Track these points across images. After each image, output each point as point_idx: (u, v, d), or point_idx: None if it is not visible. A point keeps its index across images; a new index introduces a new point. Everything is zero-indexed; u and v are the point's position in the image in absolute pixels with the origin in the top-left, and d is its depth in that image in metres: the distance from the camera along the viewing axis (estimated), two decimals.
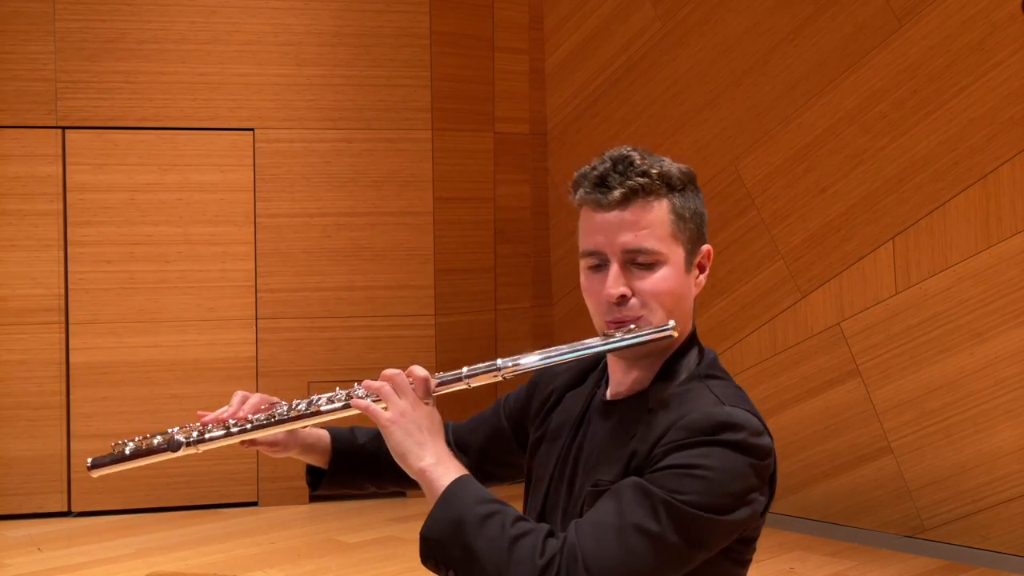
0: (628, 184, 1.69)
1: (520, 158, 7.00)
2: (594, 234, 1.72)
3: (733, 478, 1.59)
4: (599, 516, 1.59)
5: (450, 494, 1.61)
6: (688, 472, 1.58)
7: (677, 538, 1.56)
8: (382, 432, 1.69)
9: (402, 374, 1.72)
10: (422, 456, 1.66)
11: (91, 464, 1.87)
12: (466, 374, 1.73)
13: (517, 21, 6.99)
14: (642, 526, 1.55)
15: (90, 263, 6.21)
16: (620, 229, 1.70)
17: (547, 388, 1.94)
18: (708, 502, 1.57)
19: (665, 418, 1.66)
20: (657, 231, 1.70)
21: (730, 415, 1.63)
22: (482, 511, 1.58)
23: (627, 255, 1.70)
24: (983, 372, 5.07)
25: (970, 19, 5.09)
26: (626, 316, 1.70)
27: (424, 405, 1.70)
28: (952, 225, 5.18)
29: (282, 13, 6.41)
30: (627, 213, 1.70)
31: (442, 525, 1.60)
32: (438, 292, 6.59)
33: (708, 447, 1.59)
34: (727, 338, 6.07)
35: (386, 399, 1.70)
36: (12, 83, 6.13)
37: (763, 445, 1.64)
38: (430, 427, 1.68)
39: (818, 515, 5.69)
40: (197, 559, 5.40)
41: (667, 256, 1.71)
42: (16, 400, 6.13)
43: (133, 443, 1.86)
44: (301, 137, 6.43)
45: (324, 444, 2.03)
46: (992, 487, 5.06)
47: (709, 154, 6.13)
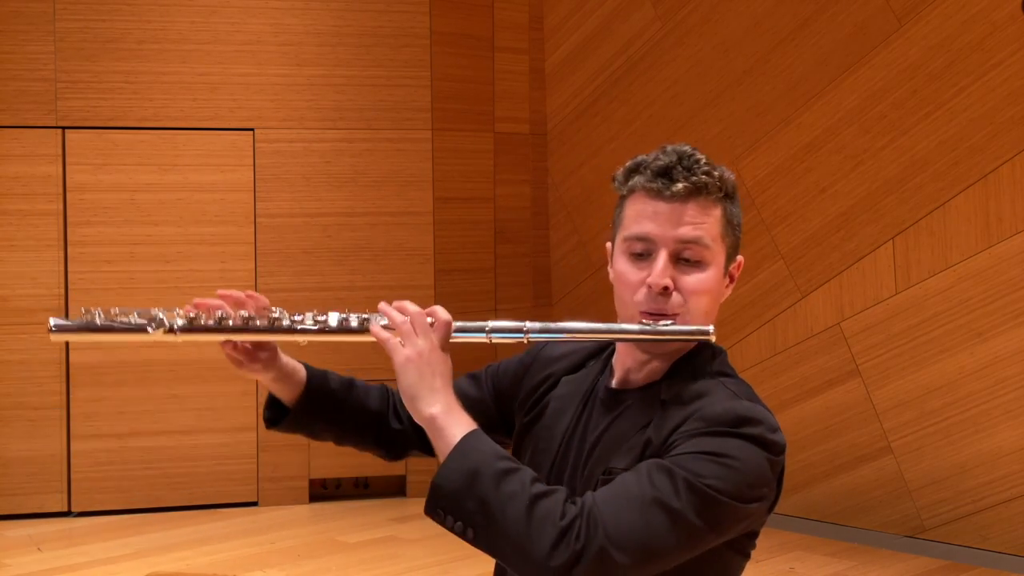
0: (693, 180, 1.71)
1: (520, 158, 7.00)
2: (646, 221, 1.72)
3: (751, 470, 1.61)
4: (620, 488, 1.58)
5: (466, 445, 1.57)
6: (710, 458, 1.59)
7: (696, 518, 1.56)
8: (395, 369, 1.64)
9: (424, 313, 1.67)
10: (433, 402, 1.61)
11: (53, 326, 1.67)
12: (489, 330, 1.69)
13: (517, 21, 6.99)
14: (663, 501, 1.55)
15: (90, 263, 6.21)
16: (678, 221, 1.70)
17: (542, 372, 1.93)
18: (728, 488, 1.58)
19: (681, 410, 1.67)
20: (711, 230, 1.72)
21: (749, 410, 1.65)
22: (501, 466, 1.55)
23: (679, 246, 1.70)
24: (983, 372, 5.07)
25: (970, 19, 5.09)
26: (665, 309, 1.70)
27: (441, 351, 1.66)
28: (952, 225, 5.18)
29: (282, 13, 6.41)
30: (688, 207, 1.71)
31: (458, 475, 1.55)
32: (438, 292, 6.59)
33: (729, 438, 1.61)
34: (727, 338, 6.07)
35: (405, 336, 1.65)
36: (12, 83, 6.13)
37: (779, 441, 1.66)
38: (444, 373, 1.64)
39: (818, 515, 5.69)
40: (197, 559, 5.39)
41: (714, 256, 1.72)
42: (16, 400, 6.13)
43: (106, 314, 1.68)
44: (301, 137, 6.43)
45: (299, 378, 1.93)
46: (992, 487, 5.06)
47: (709, 154, 6.00)
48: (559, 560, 1.51)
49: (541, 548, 1.51)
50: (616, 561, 1.52)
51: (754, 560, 1.80)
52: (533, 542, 1.51)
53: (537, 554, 1.51)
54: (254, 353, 1.86)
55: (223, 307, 1.78)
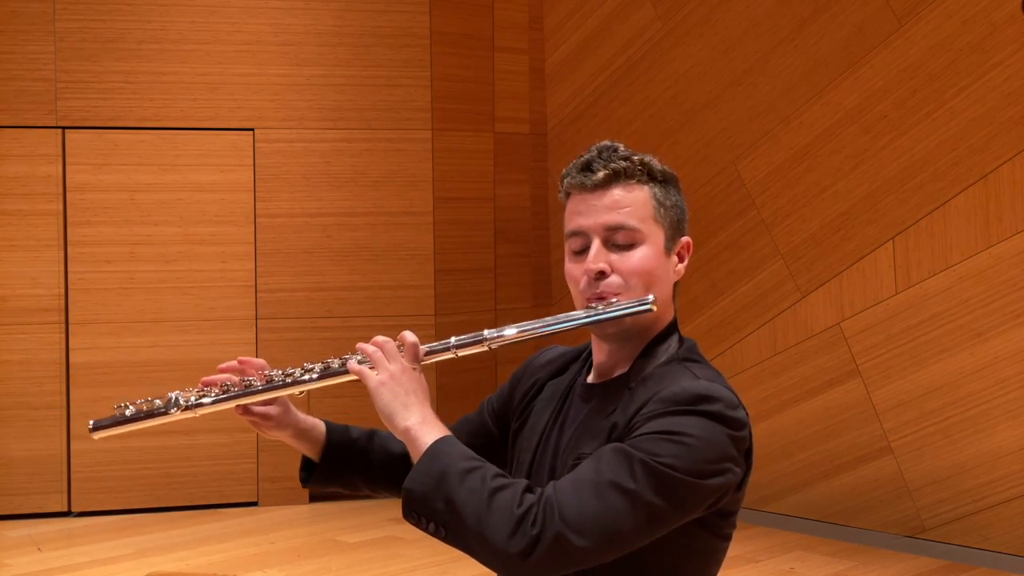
0: (611, 166, 1.78)
1: (520, 158, 7.00)
2: (577, 215, 1.81)
3: (709, 446, 1.64)
4: (577, 474, 1.64)
5: (434, 449, 1.66)
6: (666, 437, 1.63)
7: (653, 497, 1.60)
8: (371, 394, 1.74)
9: (392, 341, 1.78)
10: (407, 416, 1.71)
11: (93, 426, 1.91)
12: (454, 344, 1.78)
13: (517, 21, 6.99)
14: (619, 483, 1.60)
15: (90, 263, 6.21)
16: (602, 209, 1.77)
17: (530, 380, 1.99)
18: (685, 466, 1.62)
19: (644, 393, 1.72)
20: (638, 211, 1.78)
21: (707, 388, 1.69)
22: (465, 465, 1.63)
23: (608, 232, 1.77)
24: (983, 372, 5.07)
25: (970, 19, 5.09)
26: (605, 292, 1.77)
27: (412, 370, 1.75)
28: (952, 225, 5.18)
29: (282, 13, 6.41)
30: (609, 193, 1.78)
31: (425, 478, 1.64)
32: (438, 292, 6.59)
33: (686, 416, 1.65)
34: (727, 338, 6.07)
35: (376, 363, 1.76)
36: (12, 83, 6.13)
37: (739, 417, 1.70)
38: (416, 391, 1.74)
39: (818, 515, 5.68)
40: (197, 559, 5.40)
41: (646, 236, 1.77)
42: (16, 400, 6.13)
43: (134, 406, 1.90)
44: (301, 137, 6.44)
45: (318, 433, 2.03)
46: (992, 487, 5.06)
47: (709, 154, 6.13)
48: (517, 547, 1.57)
49: (499, 537, 1.58)
50: (574, 544, 1.57)
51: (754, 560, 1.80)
52: (492, 532, 1.58)
53: (496, 543, 1.58)
54: (266, 413, 1.97)
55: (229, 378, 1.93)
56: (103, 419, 1.90)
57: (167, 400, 1.88)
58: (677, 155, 6.26)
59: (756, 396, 5.87)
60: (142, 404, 1.89)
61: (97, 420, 1.91)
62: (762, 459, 5.81)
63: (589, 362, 1.91)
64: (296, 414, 2.00)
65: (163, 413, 1.88)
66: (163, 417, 1.88)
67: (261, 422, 1.97)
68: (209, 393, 1.89)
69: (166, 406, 1.88)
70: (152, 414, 1.88)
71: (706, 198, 6.12)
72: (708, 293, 6.14)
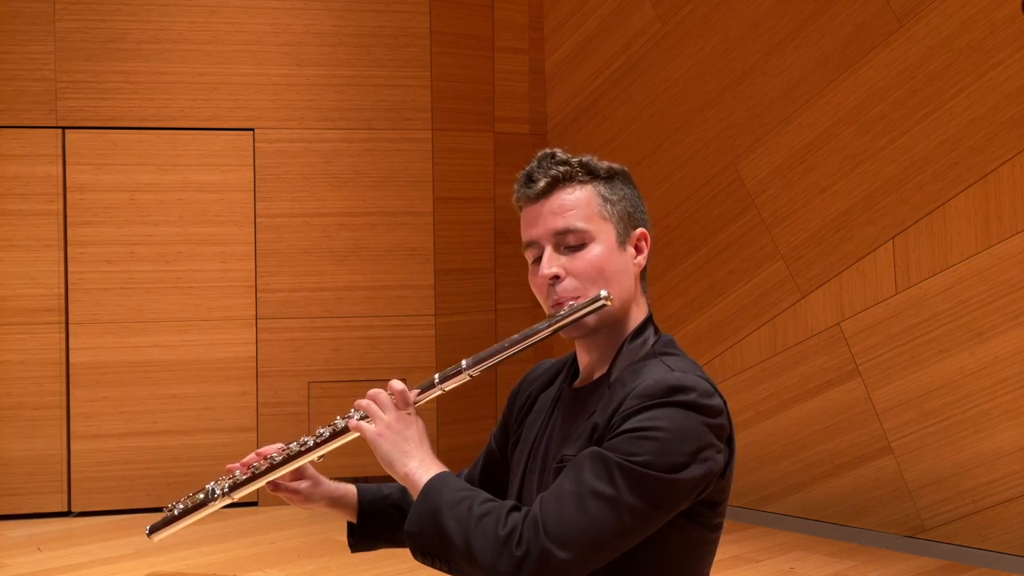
0: (551, 173, 1.81)
1: (520, 158, 6.99)
2: (528, 227, 1.84)
3: (686, 437, 1.65)
4: (559, 487, 1.66)
5: (428, 488, 1.71)
6: (642, 435, 1.64)
7: (634, 499, 1.61)
8: (371, 446, 1.78)
9: (383, 392, 1.81)
10: (406, 463, 1.76)
11: (149, 530, 2.03)
12: (438, 381, 1.82)
13: (517, 21, 6.99)
14: (599, 490, 1.61)
15: (90, 263, 6.21)
16: (548, 216, 1.81)
17: (524, 396, 2.03)
18: (662, 462, 1.63)
19: (621, 390, 1.73)
20: (582, 211, 1.80)
21: (680, 379, 1.69)
22: (453, 497, 1.68)
23: (557, 237, 1.80)
24: (983, 372, 5.07)
25: (970, 19, 5.09)
26: (563, 296, 1.79)
27: (406, 416, 1.79)
28: (952, 225, 5.18)
29: (282, 13, 6.41)
30: (552, 199, 1.81)
31: (421, 517, 1.69)
32: (438, 292, 6.59)
33: (660, 408, 1.66)
34: (727, 338, 6.07)
35: (372, 416, 1.80)
36: (12, 83, 6.13)
37: (714, 404, 1.70)
38: (412, 436, 1.78)
39: (818, 515, 5.69)
40: (197, 559, 5.40)
41: (595, 234, 1.79)
42: (16, 400, 6.13)
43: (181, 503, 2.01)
44: (301, 137, 6.44)
45: (351, 499, 2.10)
46: (992, 487, 5.06)
47: (709, 154, 6.13)
48: (504, 567, 1.61)
49: (487, 560, 1.62)
50: (560, 558, 1.59)
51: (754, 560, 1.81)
52: (481, 556, 1.62)
53: (486, 565, 1.62)
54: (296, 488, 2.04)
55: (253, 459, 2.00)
56: (157, 522, 2.02)
57: (206, 492, 1.98)
58: (677, 155, 6.26)
59: (756, 396, 5.87)
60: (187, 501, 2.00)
61: (152, 524, 2.03)
62: (762, 459, 5.81)
63: (574, 368, 1.93)
64: (326, 484, 2.06)
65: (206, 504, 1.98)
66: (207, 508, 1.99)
67: (295, 497, 2.04)
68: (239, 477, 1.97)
69: (207, 497, 1.98)
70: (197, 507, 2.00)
71: (706, 198, 6.12)
72: (708, 293, 6.14)
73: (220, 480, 1.99)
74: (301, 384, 6.40)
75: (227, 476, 1.99)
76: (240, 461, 2.00)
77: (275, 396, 6.39)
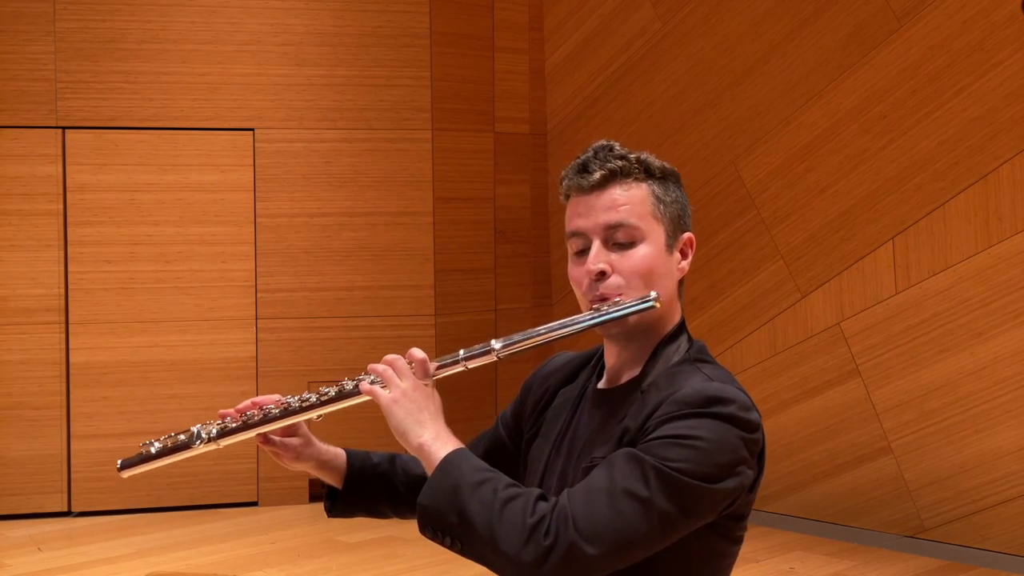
0: (608, 166, 1.77)
1: (520, 158, 7.00)
2: (576, 217, 1.80)
3: (722, 449, 1.63)
4: (590, 482, 1.62)
5: (446, 463, 1.65)
6: (679, 441, 1.61)
7: (666, 504, 1.59)
8: (384, 412, 1.73)
9: (402, 358, 1.76)
10: (420, 433, 1.70)
11: (120, 465, 1.96)
12: (463, 356, 1.77)
13: (517, 21, 6.99)
14: (632, 490, 1.59)
15: (90, 263, 6.21)
16: (600, 208, 1.76)
17: (541, 388, 1.98)
18: (698, 470, 1.60)
19: (656, 395, 1.70)
20: (636, 208, 1.76)
21: (720, 390, 1.67)
22: (477, 478, 1.63)
23: (607, 232, 1.76)
24: (983, 372, 5.07)
25: (970, 19, 5.09)
26: (608, 292, 1.75)
27: (424, 386, 1.74)
28: (952, 225, 5.18)
29: (282, 13, 6.41)
30: (607, 193, 1.77)
31: (439, 493, 1.63)
32: (438, 292, 6.59)
33: (699, 419, 1.63)
34: (727, 338, 6.07)
35: (388, 381, 1.74)
36: (12, 83, 6.13)
37: (752, 419, 1.68)
38: (429, 407, 1.72)
39: (818, 515, 5.69)
40: (197, 559, 5.40)
41: (646, 233, 1.76)
42: (16, 400, 6.13)
43: (159, 442, 1.93)
44: (301, 137, 6.43)
45: (339, 462, 2.03)
46: (992, 487, 5.06)
47: (709, 154, 6.13)
48: (530, 556, 1.56)
49: (512, 547, 1.57)
50: (587, 554, 1.56)
51: (754, 560, 1.81)
52: (505, 542, 1.57)
53: (509, 553, 1.57)
54: (287, 444, 1.99)
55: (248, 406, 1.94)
56: (130, 458, 1.95)
57: (190, 434, 1.90)
58: (677, 155, 6.26)
59: (756, 396, 5.85)
60: (166, 440, 1.93)
61: (124, 459, 1.96)
62: None
63: (600, 367, 1.89)
64: (318, 445, 2.01)
65: (187, 447, 1.91)
66: (188, 451, 1.91)
67: (283, 452, 1.99)
68: (229, 424, 1.91)
69: (189, 440, 1.90)
70: (176, 448, 1.91)
71: (706, 198, 6.12)
72: (708, 293, 6.14)
73: (208, 424, 1.92)
74: (301, 384, 6.39)
75: (216, 421, 1.92)
76: (234, 408, 1.93)
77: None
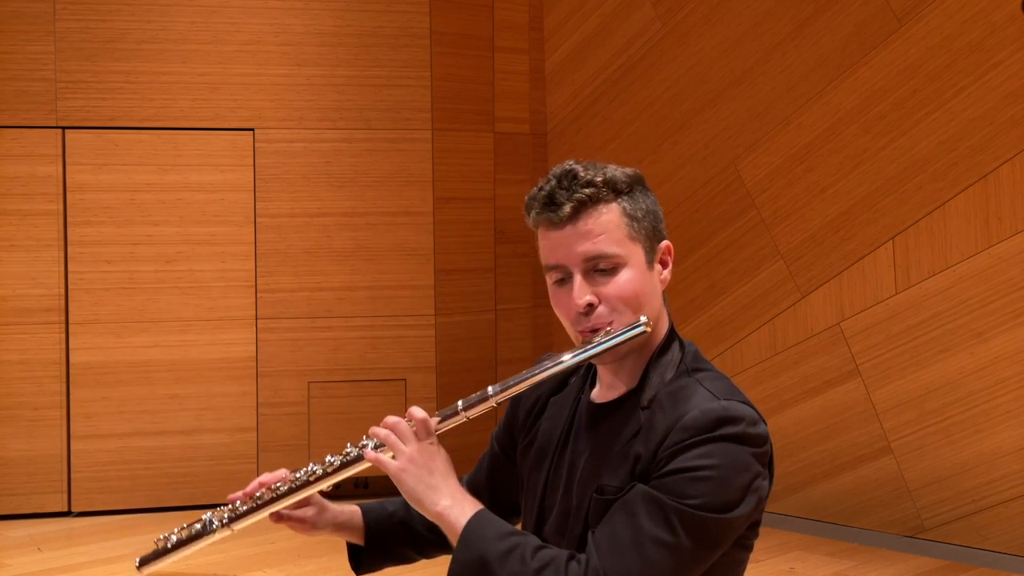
0: (576, 197, 1.72)
1: (520, 158, 7.00)
2: (553, 250, 1.75)
3: (738, 471, 1.64)
4: (615, 532, 1.62)
5: (469, 533, 1.64)
6: (695, 476, 1.62)
7: (692, 544, 1.60)
8: (394, 481, 1.71)
9: (403, 421, 1.74)
10: (437, 500, 1.69)
11: (139, 563, 1.92)
12: (462, 407, 1.75)
13: (517, 21, 6.99)
14: (659, 538, 1.59)
15: (90, 263, 6.21)
16: (576, 240, 1.73)
17: (531, 397, 1.97)
18: (718, 502, 1.61)
19: (663, 420, 1.69)
20: (613, 235, 1.73)
21: (726, 409, 1.66)
22: (503, 547, 1.61)
23: (588, 263, 1.73)
24: (983, 372, 5.07)
25: (970, 19, 5.09)
26: (597, 323, 1.73)
27: (429, 446, 1.72)
28: (952, 225, 5.18)
29: (282, 13, 6.41)
30: (580, 224, 1.73)
31: (466, 568, 1.62)
32: (438, 292, 6.59)
33: (710, 444, 1.63)
34: (727, 338, 6.07)
35: (392, 447, 1.72)
36: (12, 83, 6.13)
37: (761, 433, 1.69)
38: (439, 467, 1.71)
39: (818, 515, 5.69)
40: (197, 559, 5.39)
41: (626, 258, 1.74)
42: (16, 400, 6.13)
43: (175, 535, 1.90)
44: (301, 137, 6.43)
45: (356, 521, 2.02)
46: (992, 487, 5.06)
47: (709, 154, 6.13)
48: None
49: None
50: None
51: (754, 560, 1.82)
52: None
53: None
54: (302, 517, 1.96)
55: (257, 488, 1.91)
56: (148, 554, 1.91)
57: (203, 523, 1.89)
58: (677, 155, 6.26)
59: (756, 396, 5.87)
60: (182, 532, 1.90)
61: (143, 556, 1.92)
62: None
63: (591, 374, 1.89)
64: (332, 509, 1.99)
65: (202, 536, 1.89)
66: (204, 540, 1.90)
67: (299, 526, 1.96)
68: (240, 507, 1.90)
69: (204, 529, 1.89)
70: (192, 539, 1.90)
71: (706, 198, 6.12)
72: (708, 293, 6.14)
73: (219, 510, 1.91)
74: (301, 384, 6.40)
75: (227, 506, 1.91)
76: (243, 491, 1.91)
77: (275, 396, 6.39)
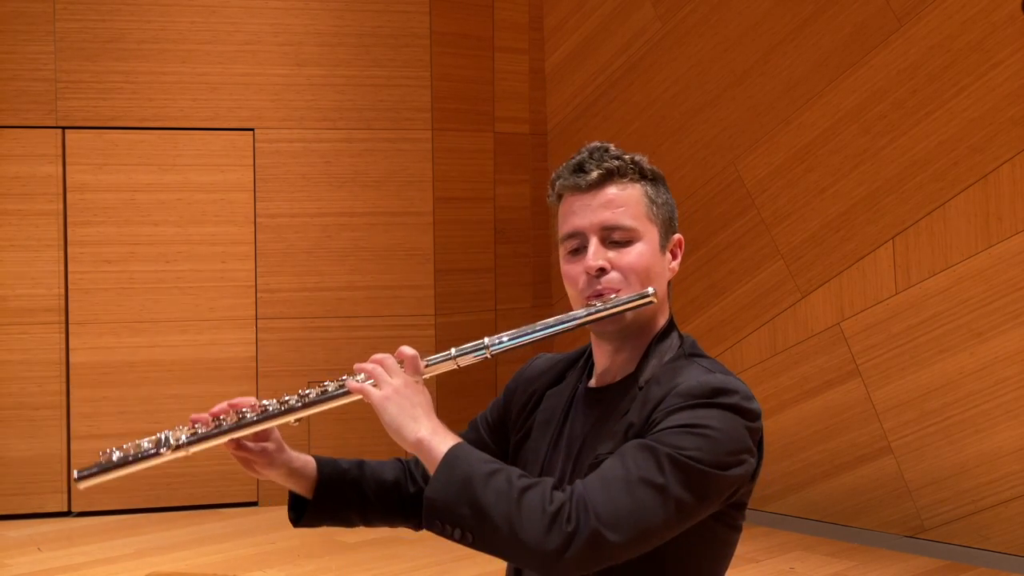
0: (605, 165, 1.80)
1: (520, 158, 7.00)
2: (572, 216, 1.81)
3: (730, 438, 1.67)
4: (605, 472, 1.64)
5: (452, 456, 1.64)
6: (689, 430, 1.64)
7: (682, 490, 1.62)
8: (376, 410, 1.70)
9: (391, 356, 1.76)
10: (417, 429, 1.68)
11: (77, 476, 1.80)
12: (455, 354, 1.78)
13: (517, 21, 6.99)
14: (648, 478, 1.61)
15: (90, 263, 6.21)
16: (598, 208, 1.79)
17: (526, 391, 1.98)
18: (709, 458, 1.64)
19: (658, 390, 1.73)
20: (632, 210, 1.80)
21: (724, 381, 1.71)
22: (487, 468, 1.62)
23: (605, 231, 1.79)
24: (983, 372, 5.07)
25: (970, 19, 5.09)
26: (605, 288, 1.78)
27: (415, 383, 1.73)
28: (952, 225, 5.18)
29: (282, 13, 6.41)
30: (603, 192, 1.80)
31: (448, 486, 1.61)
32: (438, 292, 6.59)
33: (706, 408, 1.67)
34: (727, 338, 6.07)
35: (378, 379, 1.73)
36: (12, 83, 6.13)
37: (754, 409, 1.73)
38: (422, 402, 1.71)
39: (818, 515, 5.69)
40: (197, 559, 5.40)
41: (642, 234, 1.80)
42: (16, 400, 6.13)
43: (120, 450, 1.80)
44: (301, 137, 6.44)
45: (310, 471, 1.95)
46: (992, 487, 5.06)
47: (709, 154, 6.13)
48: (553, 544, 1.56)
49: (534, 536, 1.57)
50: (609, 540, 1.57)
51: (754, 560, 1.82)
52: (526, 531, 1.57)
53: (531, 542, 1.57)
54: (259, 449, 1.90)
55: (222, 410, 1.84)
56: (87, 467, 1.79)
57: (156, 441, 1.79)
58: (677, 155, 6.26)
59: (756, 396, 5.85)
60: (129, 448, 1.79)
61: (81, 469, 1.79)
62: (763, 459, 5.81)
63: (588, 367, 1.91)
64: (290, 452, 1.93)
65: (152, 455, 1.78)
66: (153, 459, 1.78)
67: (254, 459, 1.89)
68: (200, 429, 1.81)
69: (155, 447, 1.78)
70: (139, 458, 1.78)
71: (706, 198, 6.12)
72: (708, 293, 6.14)
73: (178, 429, 1.80)
74: (301, 384, 6.38)
75: (187, 426, 1.82)
76: (209, 410, 1.83)
77: (275, 396, 6.38)
